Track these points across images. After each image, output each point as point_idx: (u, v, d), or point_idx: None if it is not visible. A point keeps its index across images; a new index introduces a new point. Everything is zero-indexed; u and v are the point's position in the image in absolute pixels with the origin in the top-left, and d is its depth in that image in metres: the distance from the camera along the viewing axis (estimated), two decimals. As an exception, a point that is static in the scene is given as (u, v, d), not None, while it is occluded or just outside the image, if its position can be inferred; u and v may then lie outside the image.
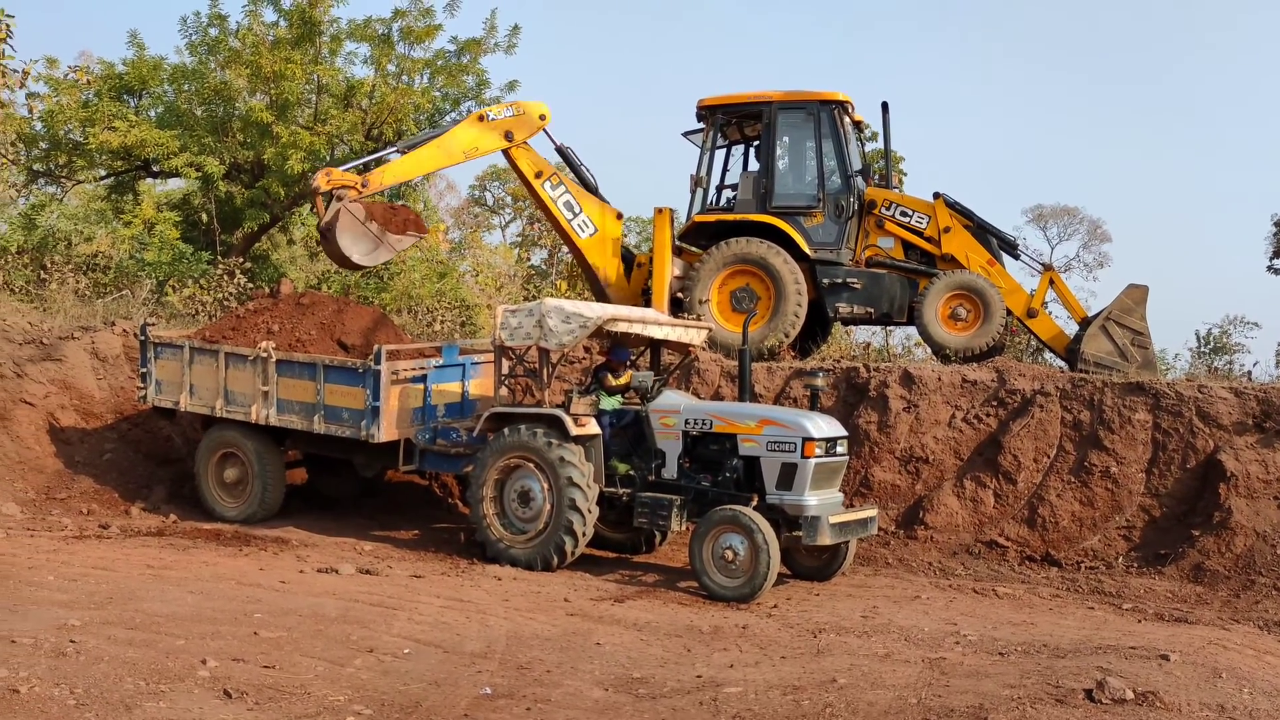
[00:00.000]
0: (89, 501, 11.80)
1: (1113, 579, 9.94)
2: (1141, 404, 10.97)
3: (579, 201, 13.40)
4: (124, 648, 6.39)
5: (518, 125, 13.14)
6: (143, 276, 18.43)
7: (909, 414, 11.49)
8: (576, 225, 13.41)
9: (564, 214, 13.37)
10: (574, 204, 13.38)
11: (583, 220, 13.41)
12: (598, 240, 13.50)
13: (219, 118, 19.75)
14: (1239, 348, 23.00)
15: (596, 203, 13.55)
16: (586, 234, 13.46)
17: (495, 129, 13.11)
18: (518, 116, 13.22)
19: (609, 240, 13.53)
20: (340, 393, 10.56)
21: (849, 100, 13.24)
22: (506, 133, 13.13)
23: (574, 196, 13.40)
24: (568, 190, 13.39)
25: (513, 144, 13.15)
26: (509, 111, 13.28)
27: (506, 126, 13.10)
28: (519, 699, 5.92)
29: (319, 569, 9.16)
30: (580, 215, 13.40)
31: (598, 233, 13.48)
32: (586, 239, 13.48)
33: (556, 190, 13.38)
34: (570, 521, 9.39)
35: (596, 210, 13.49)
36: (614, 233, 13.62)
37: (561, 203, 13.37)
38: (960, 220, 12.92)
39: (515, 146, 13.20)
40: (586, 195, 13.57)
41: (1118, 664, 6.65)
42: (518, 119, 13.19)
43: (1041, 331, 12.89)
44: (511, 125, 13.11)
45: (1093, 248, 43.14)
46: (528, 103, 13.49)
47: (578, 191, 13.49)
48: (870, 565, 10.50)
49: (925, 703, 5.84)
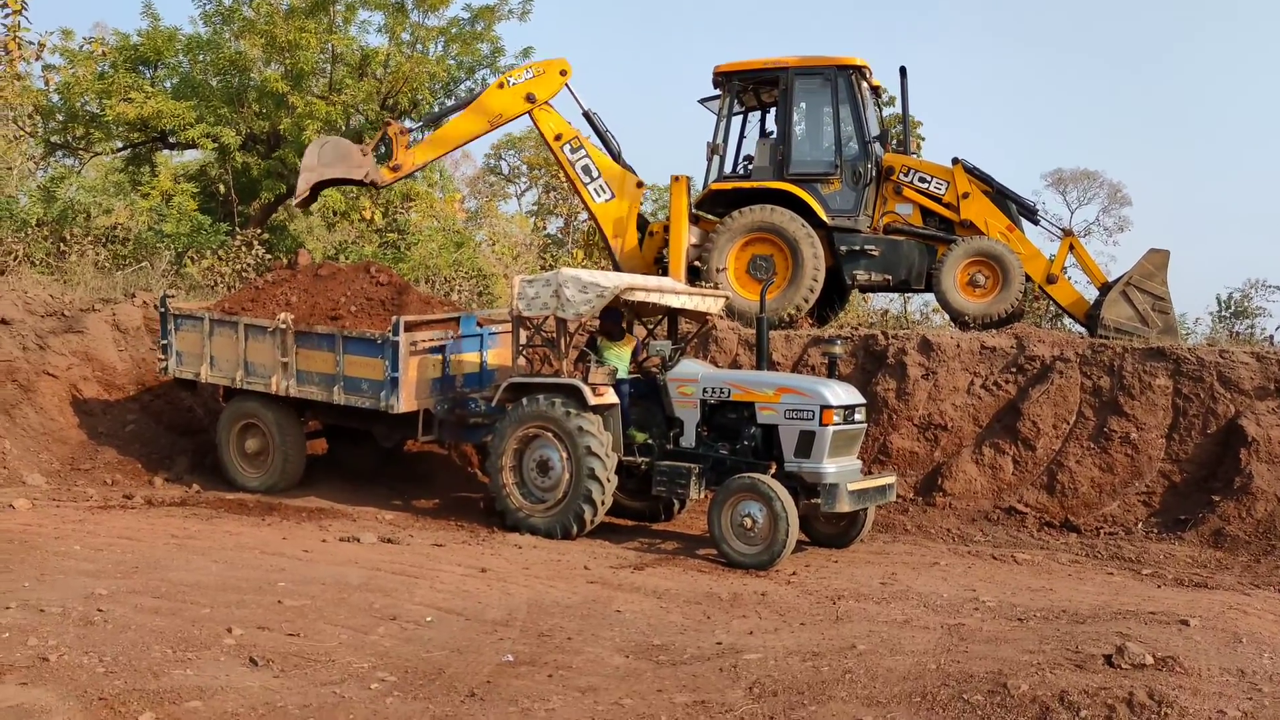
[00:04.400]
0: (113, 472, 11.92)
1: (1132, 545, 9.93)
2: (1162, 369, 10.91)
3: (597, 166, 13.39)
4: (151, 616, 6.48)
5: (538, 86, 13.20)
6: (161, 248, 18.50)
7: (927, 381, 11.46)
8: (593, 190, 13.43)
9: (580, 177, 13.40)
10: (592, 168, 13.37)
11: (599, 185, 13.42)
12: (613, 206, 13.47)
13: (234, 88, 19.75)
14: (1260, 311, 22.73)
15: (617, 169, 13.50)
16: (602, 199, 13.45)
17: (517, 93, 13.20)
18: (538, 77, 13.27)
19: (625, 207, 13.48)
20: (359, 364, 10.61)
21: (866, 65, 13.12)
22: (528, 95, 13.21)
23: (593, 161, 13.39)
24: (587, 155, 13.39)
25: (535, 105, 13.18)
26: (529, 74, 13.33)
27: (528, 89, 13.19)
28: (541, 666, 5.98)
29: (341, 538, 9.24)
30: (597, 180, 13.39)
31: (614, 199, 13.45)
32: (601, 204, 13.48)
33: (576, 154, 13.40)
34: (589, 490, 9.43)
35: (616, 176, 13.45)
36: (631, 199, 13.53)
37: (579, 166, 13.40)
38: (979, 186, 12.82)
39: (537, 108, 13.23)
40: (606, 160, 13.52)
41: (1137, 629, 6.65)
42: (538, 79, 13.24)
43: (1061, 297, 12.80)
44: (532, 87, 13.18)
45: (1113, 212, 42.66)
46: (547, 61, 13.49)
47: (597, 156, 13.47)
48: (889, 532, 10.52)
49: (944, 668, 5.86)
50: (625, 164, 13.62)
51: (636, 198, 13.62)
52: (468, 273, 21.06)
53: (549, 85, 13.26)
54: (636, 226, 13.65)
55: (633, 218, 13.55)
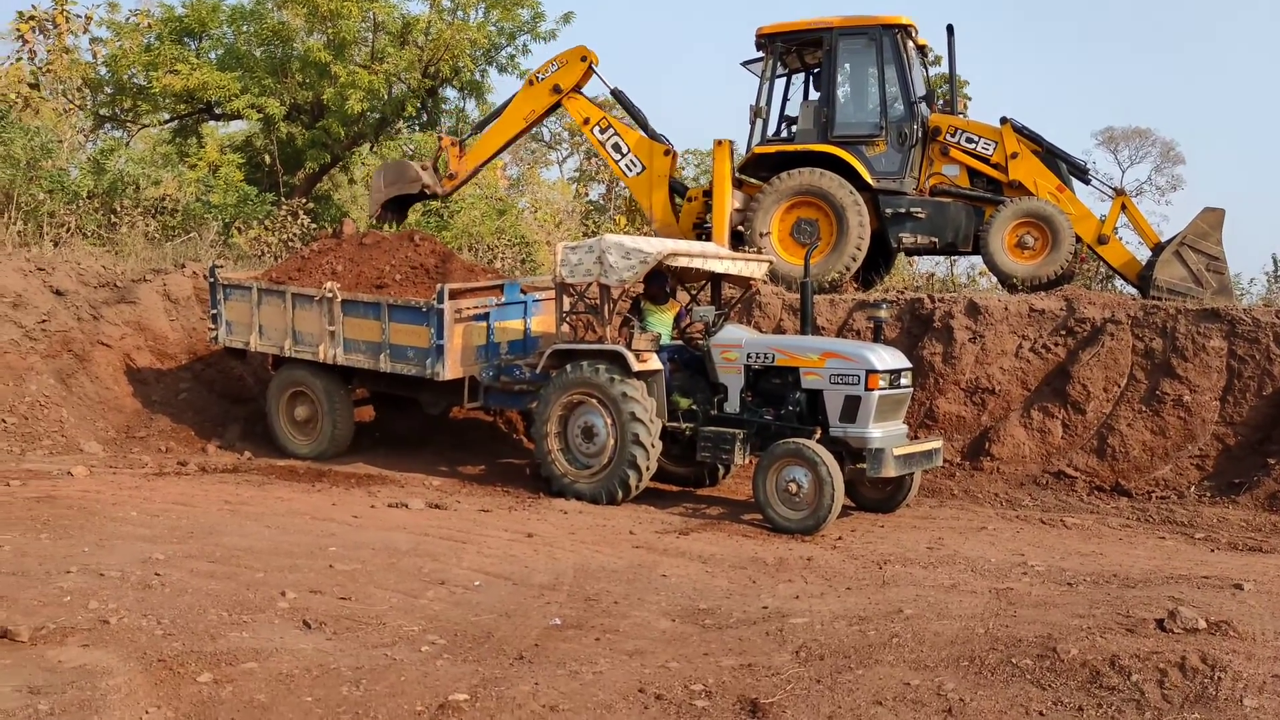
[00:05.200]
0: (167, 440, 12.15)
1: (1184, 508, 9.78)
2: (1216, 331, 10.69)
3: (626, 142, 13.76)
4: (206, 580, 6.62)
5: (563, 77, 13.71)
6: (209, 219, 18.72)
7: (974, 345, 11.33)
8: (624, 165, 13.81)
9: (612, 155, 13.85)
10: (621, 144, 13.76)
11: (630, 160, 13.76)
12: (644, 178, 13.73)
13: (277, 59, 19.85)
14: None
15: (645, 141, 13.75)
16: (634, 172, 13.79)
17: (544, 87, 13.78)
18: (561, 69, 13.76)
19: (656, 177, 13.71)
20: (405, 331, 10.70)
21: (913, 24, 12.89)
22: (554, 87, 13.74)
23: (621, 137, 13.79)
24: (616, 132, 13.81)
25: (562, 95, 13.69)
26: (554, 67, 13.82)
27: (553, 81, 13.72)
28: (588, 629, 6.03)
29: (390, 504, 9.36)
30: (628, 155, 13.75)
31: (645, 170, 13.70)
32: (634, 177, 13.82)
33: (605, 134, 13.86)
34: (634, 456, 9.46)
35: (645, 148, 13.72)
36: (661, 169, 13.73)
37: (609, 145, 13.82)
38: (1028, 145, 12.58)
39: (565, 97, 13.73)
40: (635, 135, 13.84)
41: (1189, 593, 6.57)
42: (561, 71, 13.74)
43: (1112, 258, 12.57)
44: (557, 79, 13.71)
45: (1165, 170, 41.70)
46: (568, 51, 13.90)
47: (625, 132, 13.85)
48: (935, 497, 10.46)
49: (993, 633, 5.83)
50: (654, 134, 13.88)
51: (666, 166, 13.77)
52: (510, 240, 21.10)
53: (572, 74, 13.70)
54: (672, 193, 13.79)
55: (663, 186, 13.72)
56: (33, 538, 7.48)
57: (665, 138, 13.84)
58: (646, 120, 13.95)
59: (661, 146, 13.73)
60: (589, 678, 5.21)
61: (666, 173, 13.73)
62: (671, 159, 13.77)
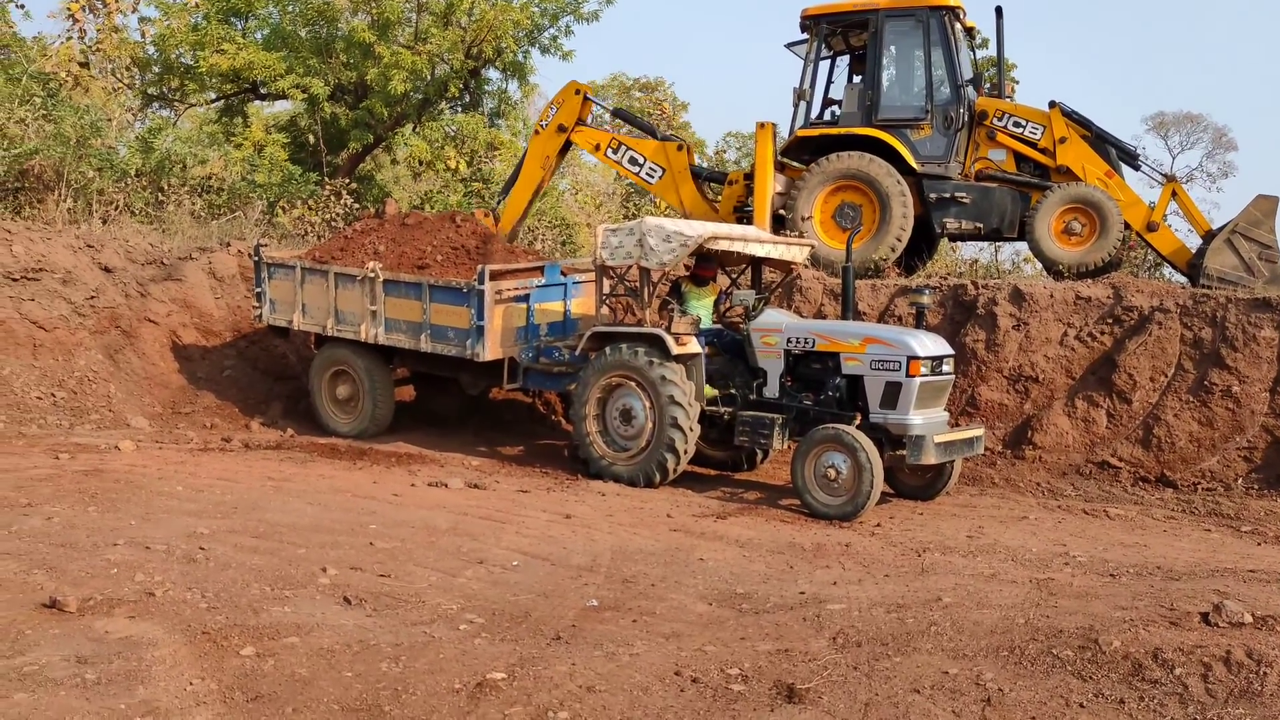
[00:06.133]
0: (212, 416, 12.32)
1: (1231, 501, 9.63)
2: (1268, 320, 10.47)
3: (640, 152, 13.99)
4: (249, 555, 6.71)
5: (563, 116, 14.07)
6: (254, 198, 18.91)
7: (1018, 332, 11.19)
8: (644, 174, 14.02)
9: (631, 170, 14.10)
10: (637, 157, 14.00)
11: (649, 169, 13.99)
12: (667, 179, 13.91)
13: (322, 39, 19.97)
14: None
15: (657, 145, 14.04)
16: (656, 179, 13.98)
17: (550, 131, 14.14)
18: (560, 108, 14.11)
19: (678, 173, 13.87)
20: (446, 312, 10.75)
21: (960, 5, 12.71)
22: (559, 127, 14.05)
23: (635, 150, 14.03)
24: (628, 148, 14.08)
25: (569, 132, 14.01)
26: (553, 110, 14.23)
27: (557, 122, 14.09)
28: (625, 611, 6.05)
29: (429, 483, 9.42)
30: (645, 165, 13.99)
31: (665, 173, 13.88)
32: (657, 183, 14.02)
33: (618, 153, 14.12)
34: (672, 439, 9.46)
35: (660, 153, 13.96)
36: (680, 165, 13.88)
37: (626, 161, 14.08)
38: (1077, 130, 12.37)
39: (572, 133, 14.05)
40: (646, 143, 14.09)
41: (1235, 587, 6.46)
42: (561, 111, 14.10)
43: (1162, 246, 12.35)
44: (560, 120, 14.08)
45: (1217, 157, 40.81)
46: (561, 91, 14.32)
47: (637, 144, 14.10)
48: (976, 485, 10.37)
49: (1033, 623, 5.77)
50: (664, 136, 14.27)
51: (683, 161, 13.90)
52: (551, 221, 21.14)
53: (571, 110, 14.04)
54: (698, 180, 13.96)
55: (686, 179, 13.86)
56: (80, 510, 7.62)
57: (674, 135, 14.29)
58: (653, 126, 14.44)
59: (673, 144, 14.03)
60: (625, 659, 5.23)
61: (686, 166, 13.89)
62: (687, 152, 13.97)
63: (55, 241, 12.88)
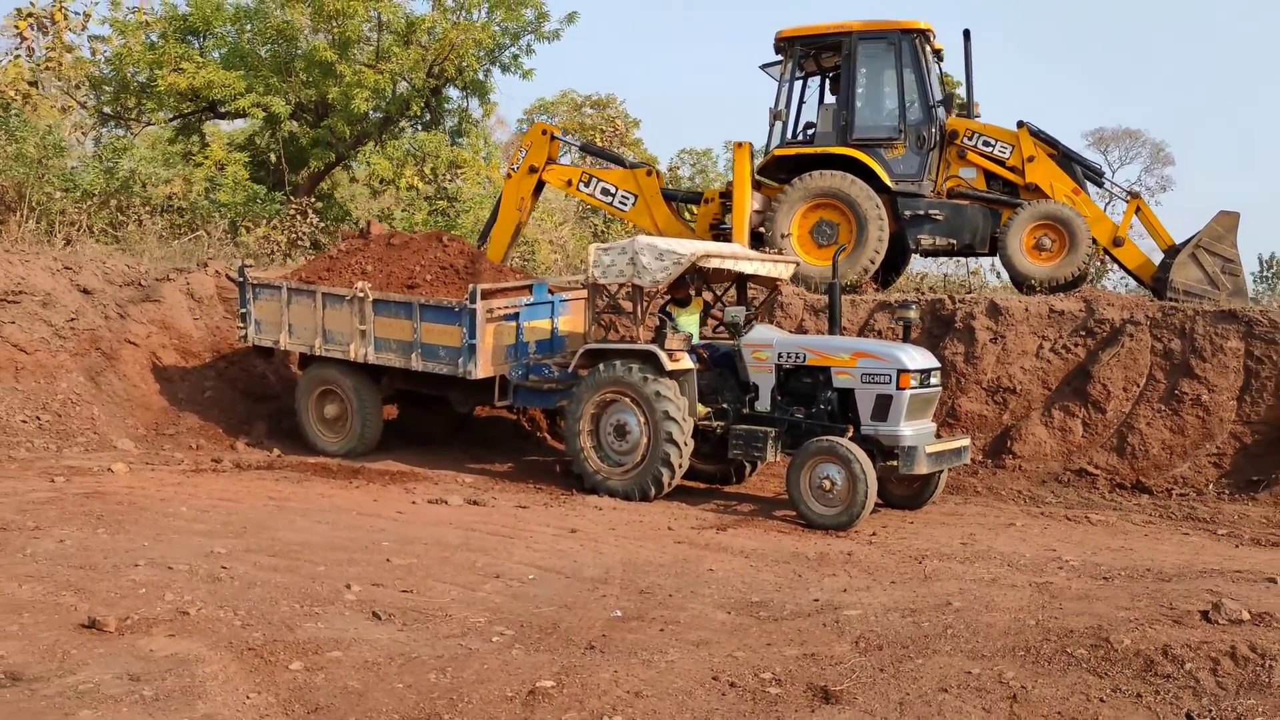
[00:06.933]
0: (196, 437, 12.27)
1: (1205, 505, 10.02)
2: (1234, 331, 10.94)
3: (610, 182, 14.29)
4: (271, 574, 6.76)
5: (533, 157, 14.39)
6: (216, 217, 18.80)
7: (995, 345, 11.56)
8: (617, 204, 14.36)
9: (604, 200, 14.42)
10: (608, 187, 14.30)
11: (621, 197, 14.29)
12: (641, 206, 14.20)
13: (282, 57, 19.91)
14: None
15: (627, 173, 14.37)
16: (629, 206, 14.28)
17: (522, 173, 14.42)
18: (530, 150, 14.45)
19: (649, 198, 14.18)
20: (437, 331, 10.85)
21: (930, 29, 13.12)
22: (530, 168, 14.34)
23: (605, 181, 14.33)
24: (598, 180, 14.39)
25: (540, 172, 14.30)
26: (523, 152, 14.56)
27: (527, 164, 14.40)
28: (650, 621, 6.20)
29: (429, 500, 9.51)
30: (618, 194, 14.29)
31: (638, 199, 14.17)
32: (631, 210, 14.32)
33: (589, 186, 14.43)
34: (667, 454, 9.63)
35: (629, 180, 14.27)
36: (651, 189, 14.21)
37: (598, 193, 14.39)
38: (1045, 149, 12.82)
39: (543, 173, 14.34)
40: (616, 173, 14.41)
41: (1225, 586, 6.78)
42: (531, 152, 14.44)
43: (1128, 260, 12.82)
44: (530, 160, 14.41)
45: (1155, 171, 42.25)
46: (528, 133, 14.78)
47: (606, 175, 14.42)
48: (959, 494, 10.67)
49: (1044, 624, 6.03)
50: (632, 163, 14.69)
51: (654, 185, 14.24)
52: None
53: (540, 151, 14.39)
54: (670, 201, 14.26)
55: (659, 202, 14.16)
56: (90, 532, 7.61)
57: (642, 163, 14.66)
58: (620, 156, 14.81)
59: (642, 170, 14.37)
60: (662, 666, 5.38)
61: (657, 190, 14.20)
62: (656, 176, 14.31)
63: (34, 264, 12.77)
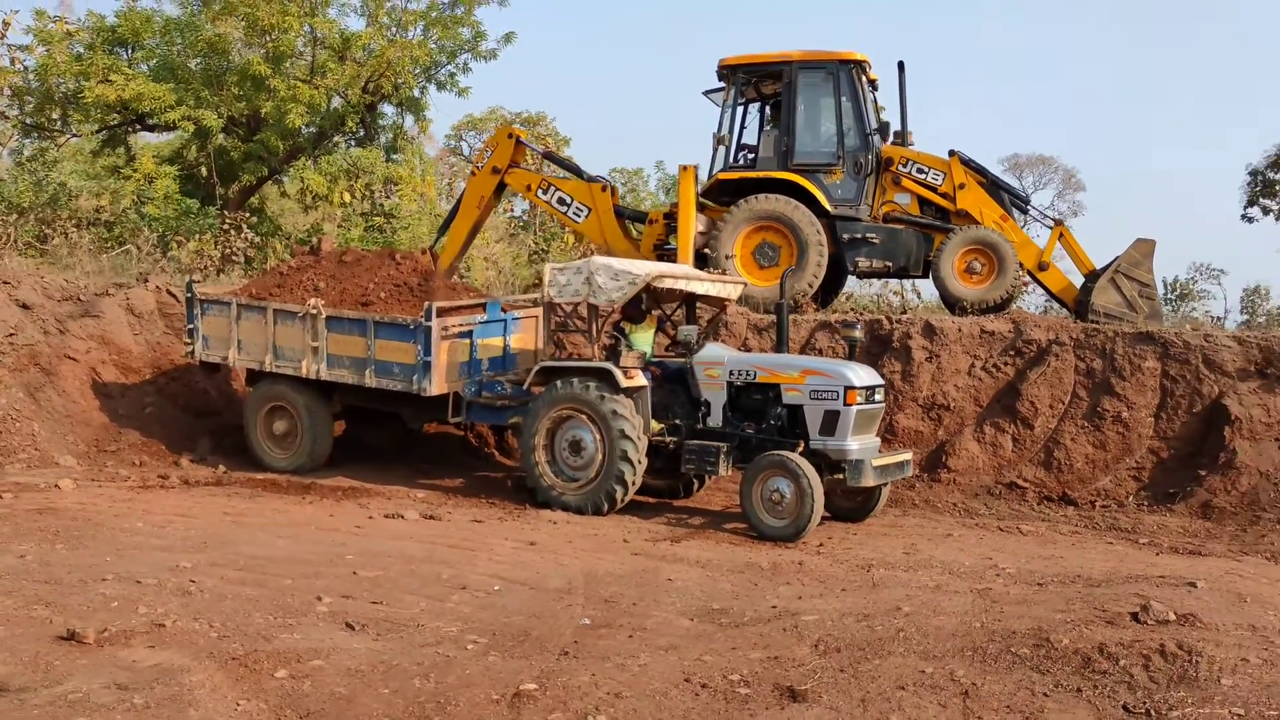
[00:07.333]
0: (139, 453, 12.17)
1: (1126, 516, 10.59)
2: (1151, 352, 11.58)
3: (568, 193, 14.66)
4: (240, 587, 6.85)
5: (497, 159, 14.81)
6: (145, 230, 18.56)
7: (931, 364, 12.05)
8: (571, 214, 14.73)
9: (559, 209, 14.79)
10: (565, 197, 14.69)
11: (576, 208, 14.68)
12: (593, 219, 14.59)
13: (213, 71, 19.74)
14: (1205, 294, 23.84)
15: (584, 186, 14.71)
16: (582, 218, 14.67)
17: (485, 172, 14.84)
18: (495, 151, 14.85)
19: (602, 213, 14.58)
20: (391, 348, 10.96)
21: (867, 60, 13.66)
22: (493, 169, 14.74)
23: (563, 190, 14.71)
24: (557, 188, 14.76)
25: (502, 174, 14.69)
26: (488, 153, 14.98)
27: (491, 165, 14.81)
28: (617, 628, 6.44)
29: (386, 515, 9.60)
30: (573, 204, 14.68)
31: (591, 212, 14.56)
32: (584, 222, 14.70)
33: (548, 193, 14.82)
34: (622, 472, 9.87)
35: (585, 192, 14.64)
36: (605, 205, 14.61)
37: (555, 201, 14.77)
38: (975, 177, 13.42)
39: (505, 174, 14.72)
40: (573, 184, 14.77)
41: (1150, 591, 7.23)
42: (495, 154, 14.84)
43: (1052, 284, 13.45)
44: (494, 162, 14.82)
45: (1067, 196, 43.80)
46: (495, 134, 15.15)
47: (564, 185, 14.81)
48: (899, 506, 11.09)
49: (988, 626, 6.41)
50: (589, 176, 14.92)
51: (607, 201, 14.64)
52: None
53: (504, 153, 14.78)
54: (620, 219, 14.65)
55: (610, 219, 14.56)
56: (49, 548, 7.61)
57: (600, 177, 14.90)
58: (579, 168, 15.09)
59: (598, 185, 14.72)
60: (636, 669, 5.63)
61: (610, 206, 14.59)
62: (610, 193, 14.69)
63: (-29, 278, 12.57)
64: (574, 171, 15.08)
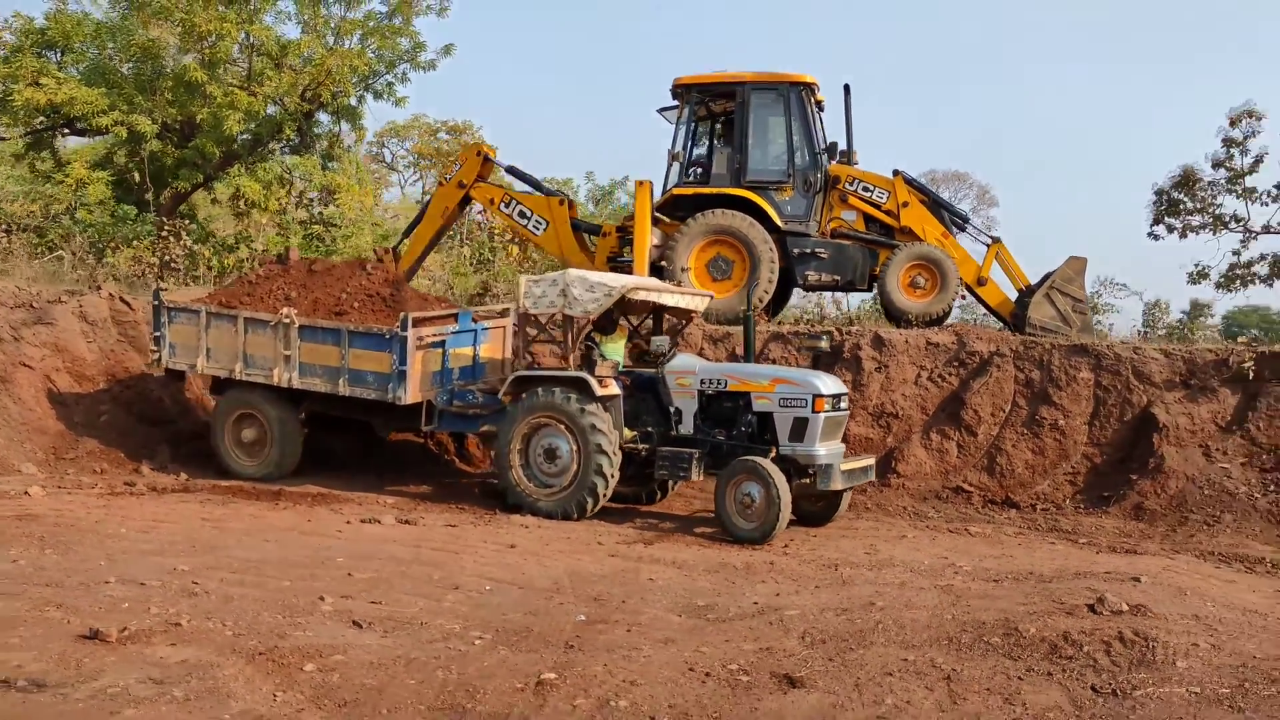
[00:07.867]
0: (98, 461, 12.13)
1: (1066, 518, 11.24)
2: (1085, 364, 12.29)
3: (528, 206, 15.14)
4: (241, 588, 7.02)
5: (465, 173, 15.29)
6: (77, 235, 18.30)
7: (880, 374, 12.61)
8: (531, 227, 15.19)
9: (520, 223, 15.24)
10: (526, 211, 15.16)
11: (536, 221, 15.15)
12: (550, 231, 15.06)
13: (146, 76, 19.53)
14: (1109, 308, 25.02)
15: (543, 200, 15.20)
16: (540, 231, 15.12)
17: (451, 185, 15.32)
18: (464, 165, 15.34)
19: (559, 225, 15.06)
20: (365, 357, 11.13)
21: (816, 82, 14.22)
22: (459, 183, 15.20)
23: (524, 204, 15.18)
24: (518, 202, 15.24)
25: (468, 188, 15.15)
26: (457, 166, 15.51)
27: (458, 179, 15.30)
28: (614, 624, 6.76)
29: (362, 520, 9.79)
30: (533, 218, 15.15)
31: (549, 225, 15.03)
32: (542, 235, 15.14)
33: (509, 207, 15.28)
34: (594, 484, 10.19)
35: (544, 206, 15.11)
36: (562, 218, 15.10)
37: (516, 214, 15.23)
38: (917, 195, 14.07)
39: (471, 189, 15.16)
40: (533, 198, 15.26)
41: (1100, 585, 7.79)
42: (464, 168, 15.33)
43: (989, 298, 14.16)
44: (461, 176, 15.31)
45: (981, 212, 45.37)
46: (466, 149, 15.71)
47: (525, 199, 15.29)
48: (852, 510, 11.57)
49: (959, 618, 6.88)
50: (549, 190, 15.50)
51: (564, 215, 15.12)
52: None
53: (472, 169, 15.24)
54: (576, 232, 15.13)
55: (567, 231, 15.05)
56: (39, 553, 7.67)
57: (558, 191, 15.53)
58: (539, 182, 15.61)
59: (556, 199, 15.23)
60: (642, 660, 5.97)
61: (567, 219, 15.06)
62: (568, 206, 15.17)
63: (-75, 283, 12.39)
64: (535, 186, 15.50)
